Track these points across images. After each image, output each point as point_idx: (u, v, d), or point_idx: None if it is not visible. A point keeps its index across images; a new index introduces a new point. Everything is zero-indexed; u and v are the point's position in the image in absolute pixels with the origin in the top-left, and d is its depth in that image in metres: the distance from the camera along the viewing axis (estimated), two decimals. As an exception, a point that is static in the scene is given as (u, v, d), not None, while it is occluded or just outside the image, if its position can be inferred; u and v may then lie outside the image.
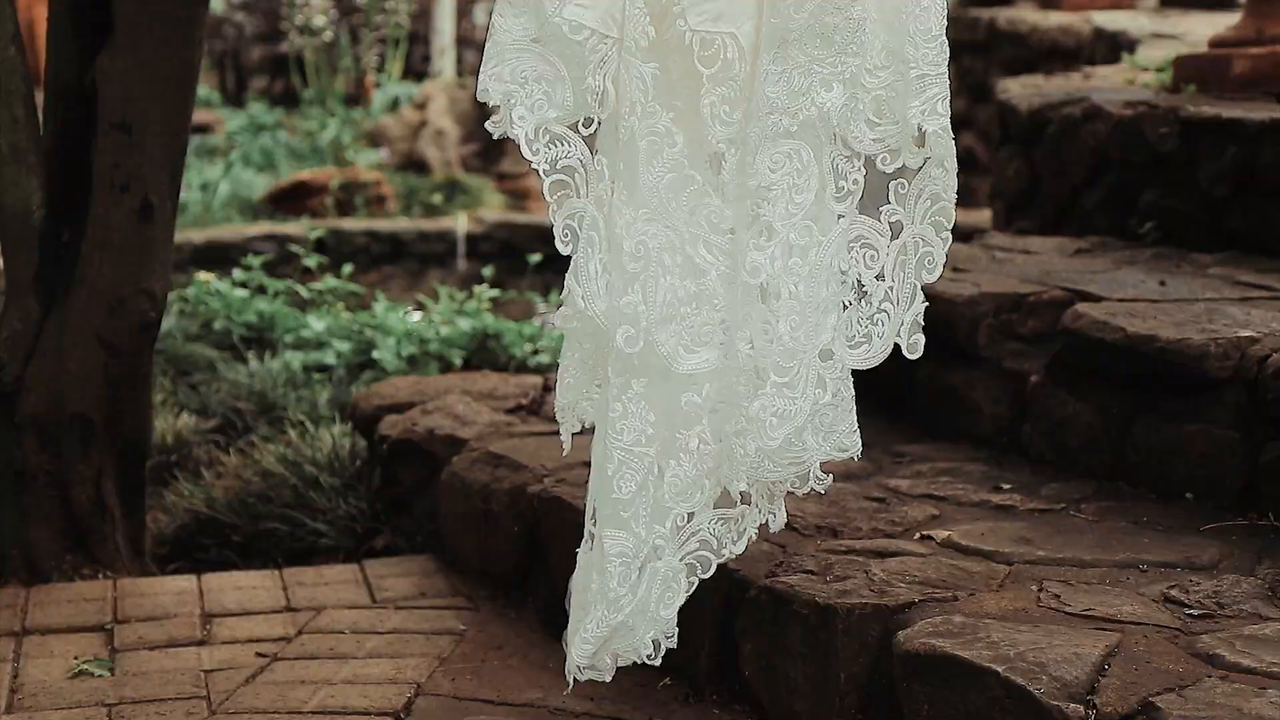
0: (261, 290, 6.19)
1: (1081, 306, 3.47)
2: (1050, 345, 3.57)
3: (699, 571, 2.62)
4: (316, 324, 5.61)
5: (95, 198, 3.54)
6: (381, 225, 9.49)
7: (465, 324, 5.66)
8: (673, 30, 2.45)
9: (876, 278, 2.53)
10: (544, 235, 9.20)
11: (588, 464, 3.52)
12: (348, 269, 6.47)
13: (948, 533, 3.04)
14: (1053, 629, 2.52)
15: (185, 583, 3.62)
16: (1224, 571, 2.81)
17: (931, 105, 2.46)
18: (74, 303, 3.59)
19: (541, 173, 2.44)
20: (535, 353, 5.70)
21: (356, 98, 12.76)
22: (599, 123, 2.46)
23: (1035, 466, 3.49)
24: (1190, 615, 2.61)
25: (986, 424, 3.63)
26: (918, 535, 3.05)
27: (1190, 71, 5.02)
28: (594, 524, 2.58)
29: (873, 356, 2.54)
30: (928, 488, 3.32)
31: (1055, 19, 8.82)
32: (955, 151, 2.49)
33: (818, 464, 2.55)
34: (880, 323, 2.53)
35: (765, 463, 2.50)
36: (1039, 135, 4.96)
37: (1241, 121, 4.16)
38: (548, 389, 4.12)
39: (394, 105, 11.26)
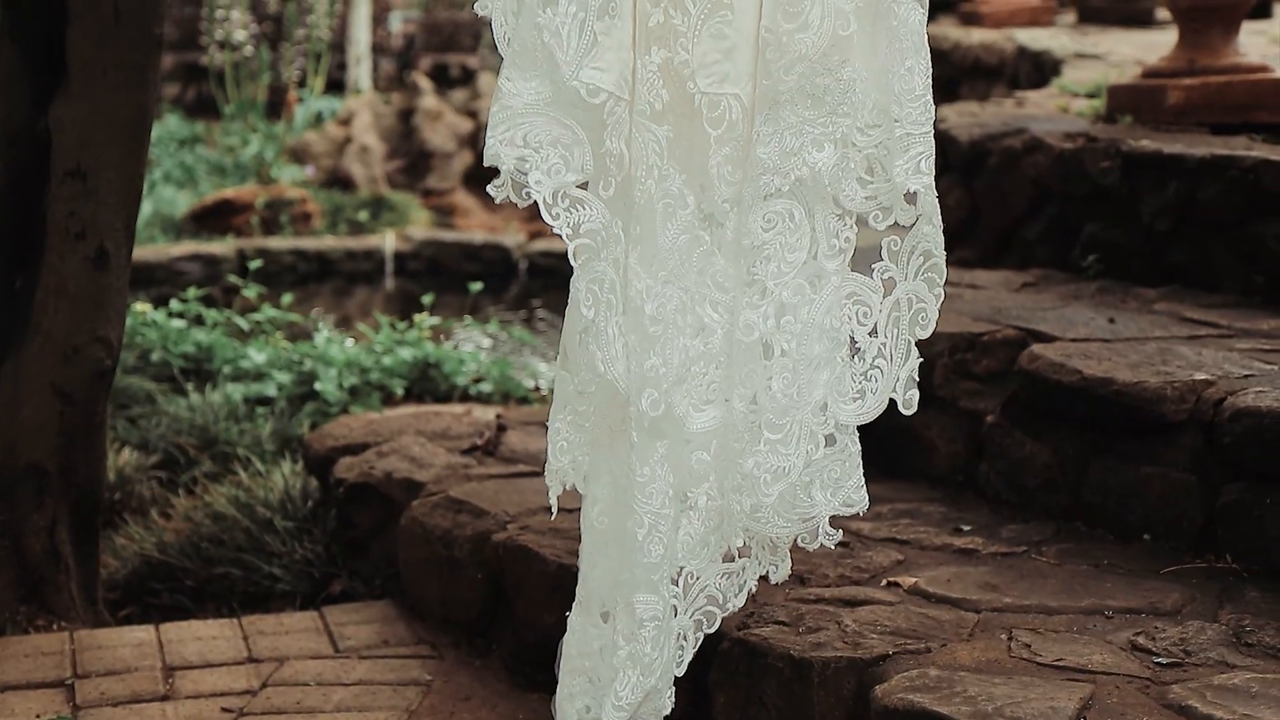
0: (199, 320, 6.15)
1: (1037, 348, 3.51)
2: (1005, 384, 3.62)
3: (705, 626, 2.64)
4: (257, 355, 5.58)
5: (50, 245, 3.50)
6: (308, 244, 9.45)
7: (406, 353, 5.64)
8: (683, 92, 2.46)
9: (870, 334, 2.56)
10: (472, 253, 9.23)
11: (549, 509, 3.54)
12: (287, 298, 6.43)
13: (914, 579, 3.07)
14: (1027, 681, 2.55)
15: (144, 633, 3.58)
16: (1188, 617, 2.86)
17: (915, 164, 2.49)
18: (28, 351, 3.55)
19: (565, 237, 2.43)
20: (477, 381, 5.70)
21: (277, 106, 12.67)
22: (615, 185, 2.46)
23: (993, 506, 3.53)
24: (1159, 664, 2.65)
25: (943, 463, 3.67)
26: (885, 582, 3.08)
27: (1124, 101, 5.09)
28: (584, 589, 2.59)
29: (868, 412, 2.56)
30: (890, 530, 3.35)
31: (978, 36, 8.91)
32: (939, 208, 2.53)
33: (827, 519, 2.57)
34: (874, 379, 2.56)
35: (774, 518, 2.52)
36: (979, 166, 5.02)
37: (1182, 157, 4.22)
38: (502, 428, 4.12)
39: (317, 120, 11.20)
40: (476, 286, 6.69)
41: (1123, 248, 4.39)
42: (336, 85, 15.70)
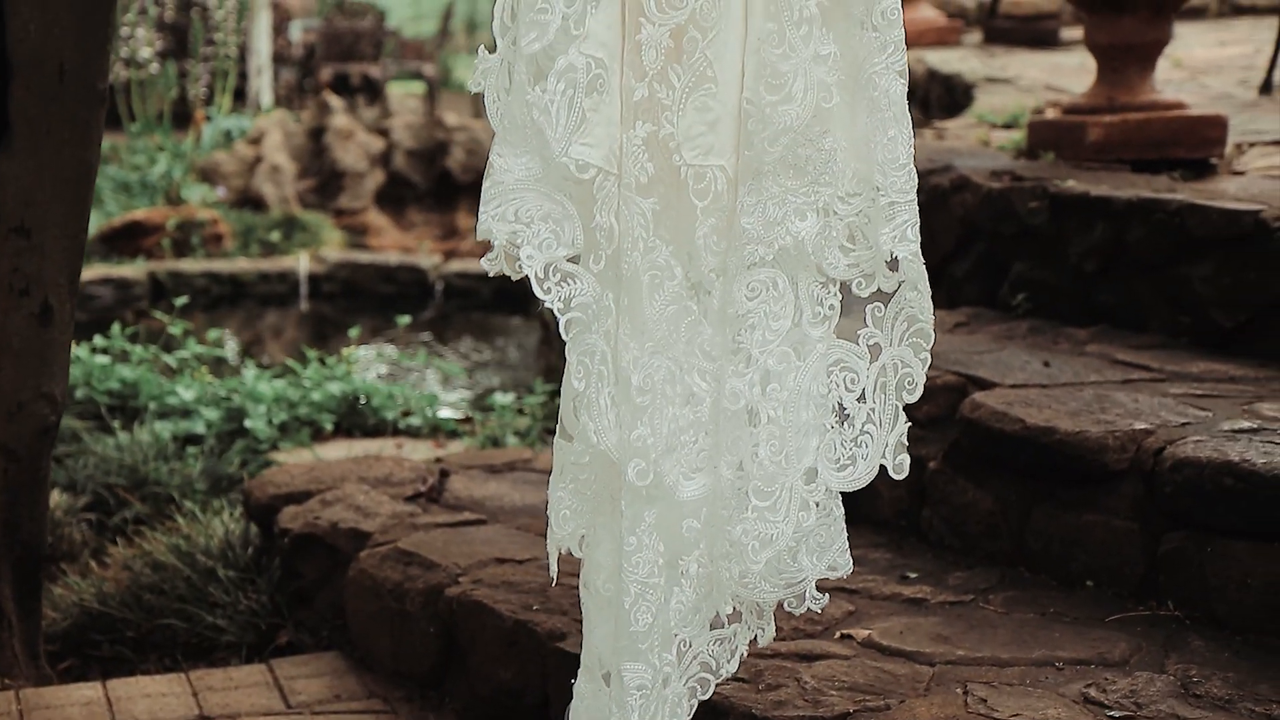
0: (124, 356, 6.10)
1: (979, 396, 3.58)
2: (945, 429, 3.68)
3: (699, 694, 2.66)
4: (184, 392, 5.54)
5: (-7, 303, 3.48)
6: (221, 266, 9.37)
7: (335, 387, 5.64)
8: (669, 165, 2.49)
9: (858, 400, 2.59)
10: (387, 275, 9.21)
11: (500, 560, 3.57)
12: (215, 333, 6.40)
13: (867, 632, 3.12)
14: (987, 738, 2.61)
15: (91, 691, 3.56)
16: (1136, 668, 2.93)
17: (901, 231, 2.53)
18: (-29, 409, 3.52)
19: (557, 312, 2.46)
20: (406, 415, 5.70)
21: (183, 119, 12.55)
22: (605, 258, 2.49)
23: (936, 552, 3.60)
24: (1112, 717, 2.72)
25: (886, 508, 3.73)
26: (838, 635, 3.13)
27: (1046, 137, 5.18)
28: (588, 654, 2.62)
29: (859, 479, 2.59)
30: (838, 579, 3.40)
31: (889, 58, 8.99)
32: (926, 276, 2.57)
33: (813, 583, 2.60)
34: (864, 444, 2.59)
35: (761, 584, 2.55)
36: (906, 202, 5.08)
37: (1109, 199, 4.31)
38: (445, 474, 4.13)
39: (226, 139, 11.13)
40: (404, 320, 6.68)
41: (1052, 287, 4.47)
42: (238, 94, 15.58)
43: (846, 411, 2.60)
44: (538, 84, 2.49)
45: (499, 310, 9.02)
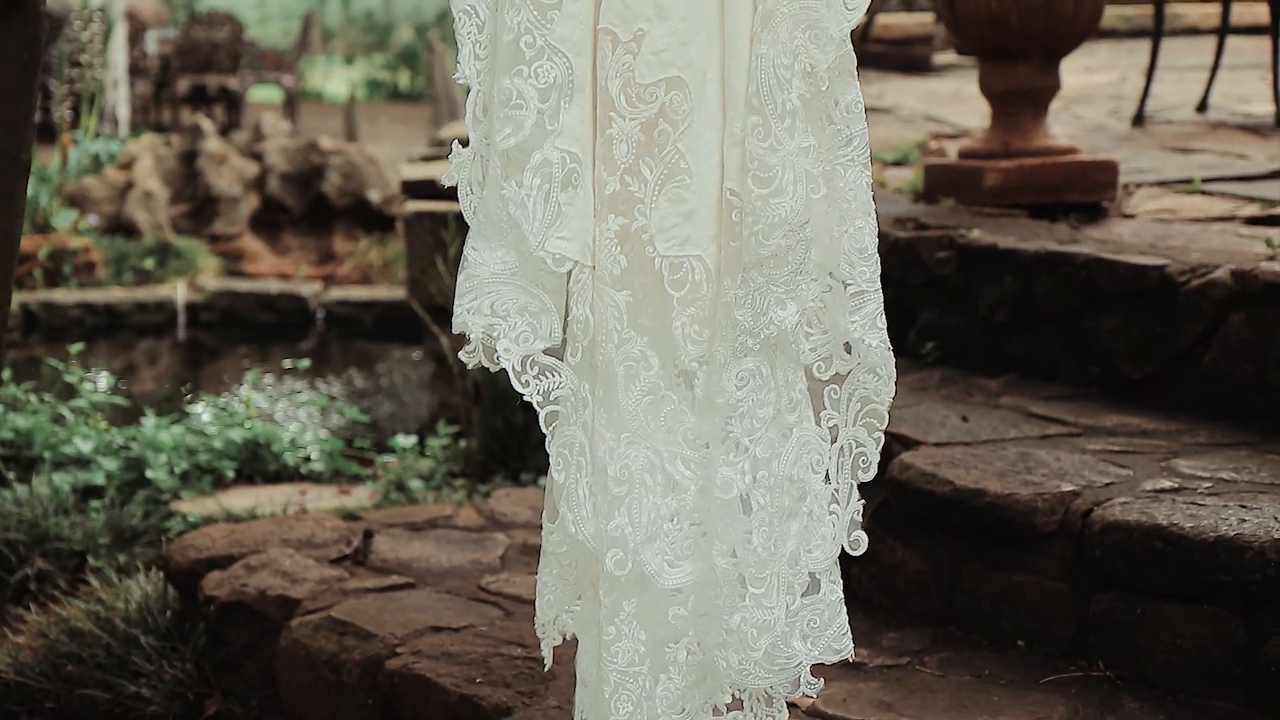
0: (15, 405, 5.98)
1: (906, 456, 3.65)
2: (873, 489, 3.71)
3: None
4: (83, 443, 5.45)
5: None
6: (96, 296, 9.22)
7: (236, 434, 5.58)
8: (643, 257, 2.52)
9: (823, 481, 2.64)
10: (267, 303, 9.12)
11: (436, 629, 3.57)
12: (109, 380, 6.29)
13: (810, 699, 3.17)
14: (942, 812, 2.67)
15: (20, 769, 3.51)
16: (1077, 732, 3.01)
17: (871, 320, 2.59)
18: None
19: (536, 404, 2.48)
20: (307, 459, 5.66)
21: (49, 142, 12.29)
22: (582, 350, 2.51)
23: (866, 610, 3.65)
24: (1060, 785, 2.79)
25: (813, 566, 3.78)
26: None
27: (943, 181, 5.28)
28: None
29: (829, 559, 2.64)
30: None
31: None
32: (894, 361, 2.62)
33: (808, 668, 2.63)
34: (830, 524, 2.64)
35: (759, 671, 2.58)
36: (810, 247, 5.14)
37: (1017, 252, 4.41)
38: (369, 534, 4.11)
39: (95, 163, 10.94)
40: (304, 364, 6.61)
41: (961, 336, 4.56)
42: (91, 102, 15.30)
43: (815, 493, 2.66)
44: (512, 179, 2.51)
45: (382, 339, 8.98)
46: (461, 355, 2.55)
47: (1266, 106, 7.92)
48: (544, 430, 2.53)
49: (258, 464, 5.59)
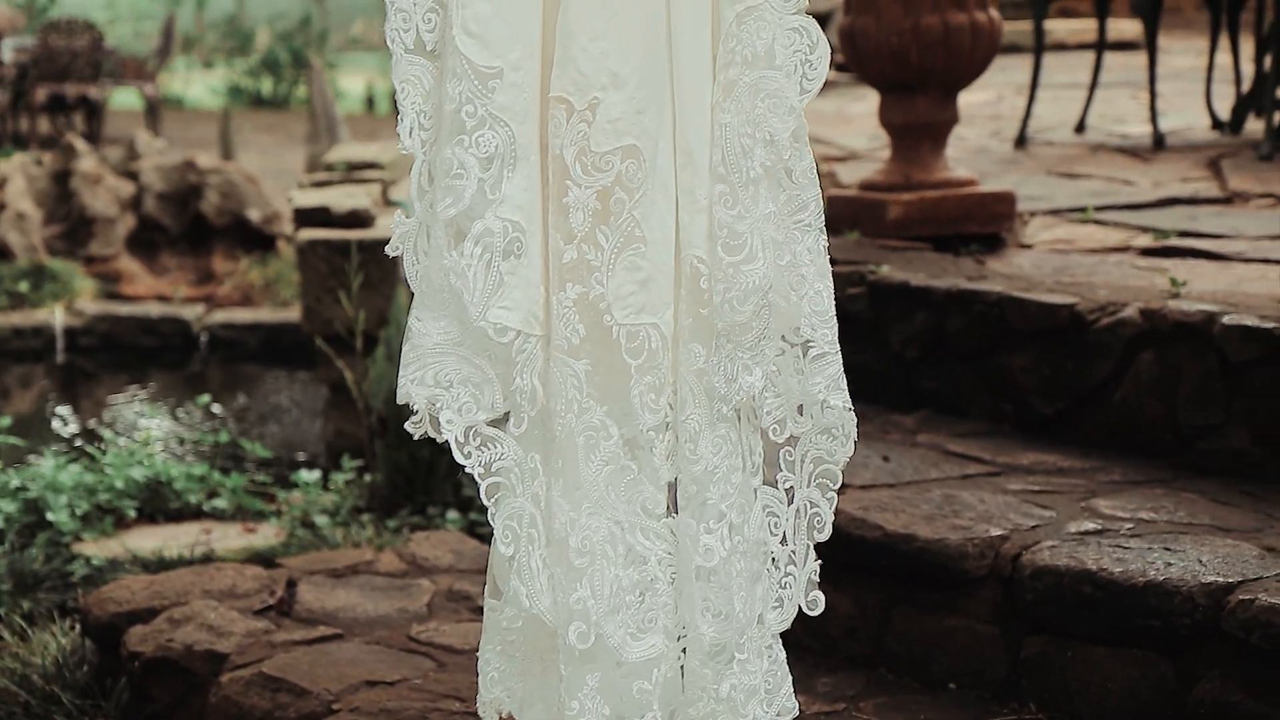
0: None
1: (834, 501, 3.69)
2: (799, 532, 3.78)
3: None
4: (-22, 487, 5.35)
5: None
6: (-32, 323, 9.03)
7: (138, 472, 5.50)
8: (600, 325, 2.53)
9: (781, 543, 2.68)
10: (149, 327, 8.99)
11: (370, 683, 3.55)
12: (5, 421, 6.17)
13: (755, 750, 3.20)
14: None
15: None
16: (1017, 777, 3.08)
17: (834, 381, 2.64)
18: None
19: (477, 476, 2.49)
20: (211, 496, 5.60)
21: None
22: (527, 420, 2.51)
23: (796, 654, 3.65)
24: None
25: (742, 609, 3.81)
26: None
27: (845, 213, 5.34)
28: None
29: (787, 619, 2.68)
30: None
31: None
32: (855, 422, 2.66)
33: None
34: (789, 585, 2.69)
35: None
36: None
37: (929, 289, 4.48)
38: (292, 583, 4.08)
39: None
40: (204, 399, 6.51)
41: (874, 372, 4.62)
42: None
43: (774, 555, 2.70)
44: (455, 248, 2.51)
45: (266, 362, 8.90)
46: (408, 426, 2.55)
47: (1141, 127, 8.10)
48: (485, 502, 2.53)
49: (159, 502, 5.52)
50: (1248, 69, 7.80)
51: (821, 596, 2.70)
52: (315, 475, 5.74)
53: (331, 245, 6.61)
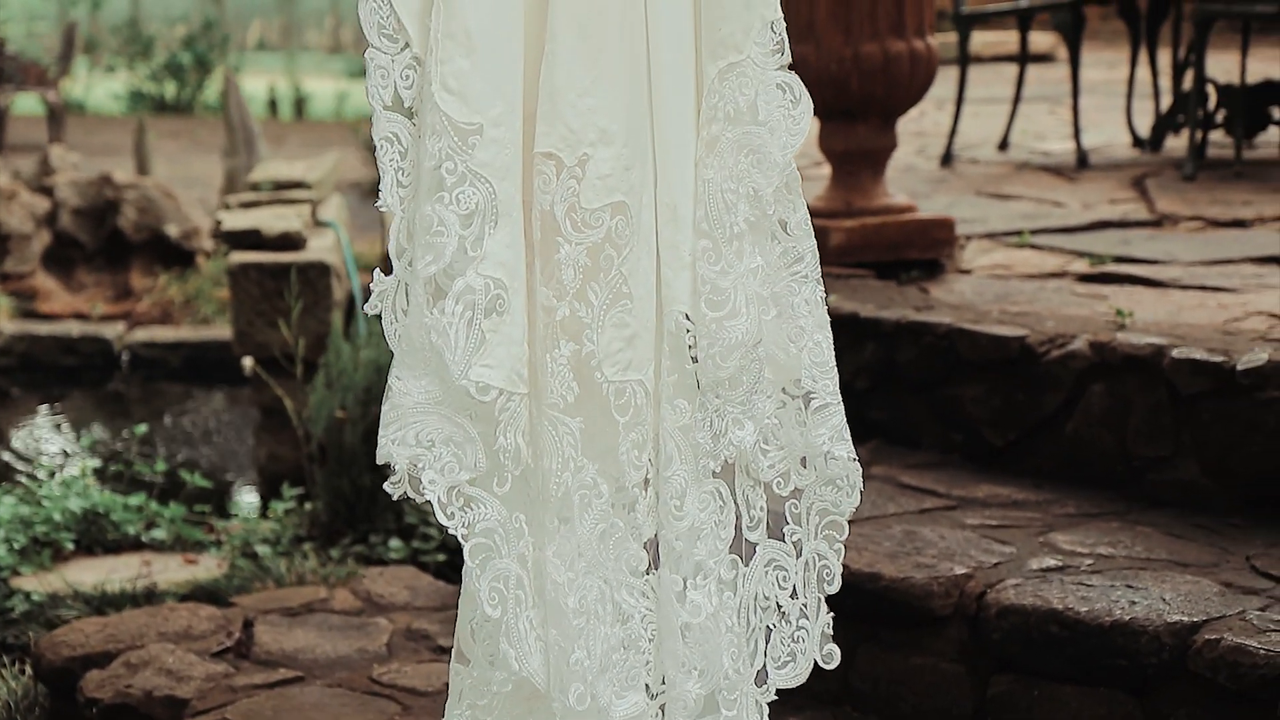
0: None
1: (798, 540, 3.71)
2: (761, 569, 3.80)
3: None
4: (-88, 521, 5.25)
5: None
6: (-115, 342, 8.86)
7: (75, 504, 5.43)
8: (591, 382, 2.52)
9: (790, 597, 2.67)
10: (69, 346, 8.87)
11: (338, 729, 3.53)
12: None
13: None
14: None
15: None
16: (990, 818, 3.11)
17: (837, 432, 2.64)
18: None
19: (461, 538, 2.45)
20: (149, 527, 5.54)
21: None
22: (511, 479, 2.49)
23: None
24: None
25: (705, 646, 3.83)
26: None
27: (787, 238, 5.37)
28: None
29: (799, 675, 2.68)
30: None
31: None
32: (860, 472, 2.67)
33: None
34: (801, 640, 2.68)
35: None
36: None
37: (879, 320, 4.51)
38: (248, 623, 4.05)
39: None
40: (141, 429, 6.42)
41: (823, 403, 4.64)
42: None
43: (783, 610, 2.69)
44: (435, 306, 2.49)
45: (189, 380, 8.80)
46: (387, 487, 2.51)
47: (1062, 144, 8.22)
48: (470, 563, 2.50)
49: (97, 534, 5.44)
50: (1165, 82, 7.93)
51: (837, 650, 2.70)
52: (254, 503, 5.69)
53: (264, 268, 6.55)
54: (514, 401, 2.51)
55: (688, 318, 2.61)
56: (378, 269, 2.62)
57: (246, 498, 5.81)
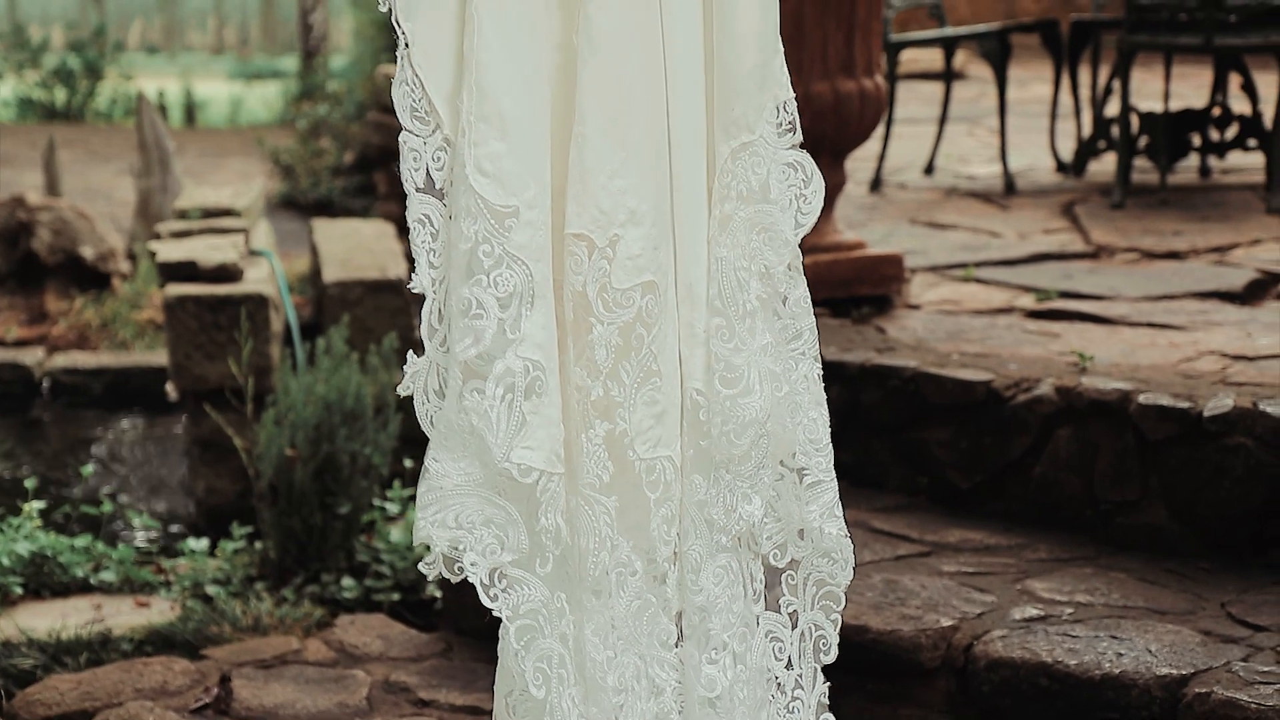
0: None
1: (783, 591, 3.75)
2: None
3: None
4: None
5: None
6: None
7: (22, 547, 5.34)
8: (624, 460, 2.54)
9: (786, 667, 2.71)
10: (24, 379, 8.68)
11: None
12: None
13: None
14: None
15: None
16: None
17: (829, 509, 2.69)
18: None
19: (506, 619, 2.46)
20: (98, 569, 5.46)
21: None
22: (553, 560, 2.50)
23: (748, 741, 3.74)
24: None
25: (689, 697, 3.85)
26: None
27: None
28: None
29: None
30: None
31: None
32: (852, 548, 2.71)
33: None
34: (796, 710, 2.72)
35: None
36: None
37: (844, 364, 4.56)
38: (225, 679, 4.02)
39: None
40: (89, 470, 6.33)
41: (787, 445, 4.68)
42: None
43: (779, 680, 2.73)
44: (474, 388, 2.49)
45: (112, 407, 8.66)
46: (421, 567, 2.52)
47: (986, 168, 8.34)
48: (515, 645, 2.51)
49: (44, 577, 5.36)
50: (1085, 108, 8.07)
51: (833, 719, 2.75)
52: (203, 543, 5.63)
53: (201, 301, 6.48)
54: (554, 482, 2.52)
55: (702, 394, 2.64)
56: (410, 352, 2.60)
57: (190, 535, 5.73)
